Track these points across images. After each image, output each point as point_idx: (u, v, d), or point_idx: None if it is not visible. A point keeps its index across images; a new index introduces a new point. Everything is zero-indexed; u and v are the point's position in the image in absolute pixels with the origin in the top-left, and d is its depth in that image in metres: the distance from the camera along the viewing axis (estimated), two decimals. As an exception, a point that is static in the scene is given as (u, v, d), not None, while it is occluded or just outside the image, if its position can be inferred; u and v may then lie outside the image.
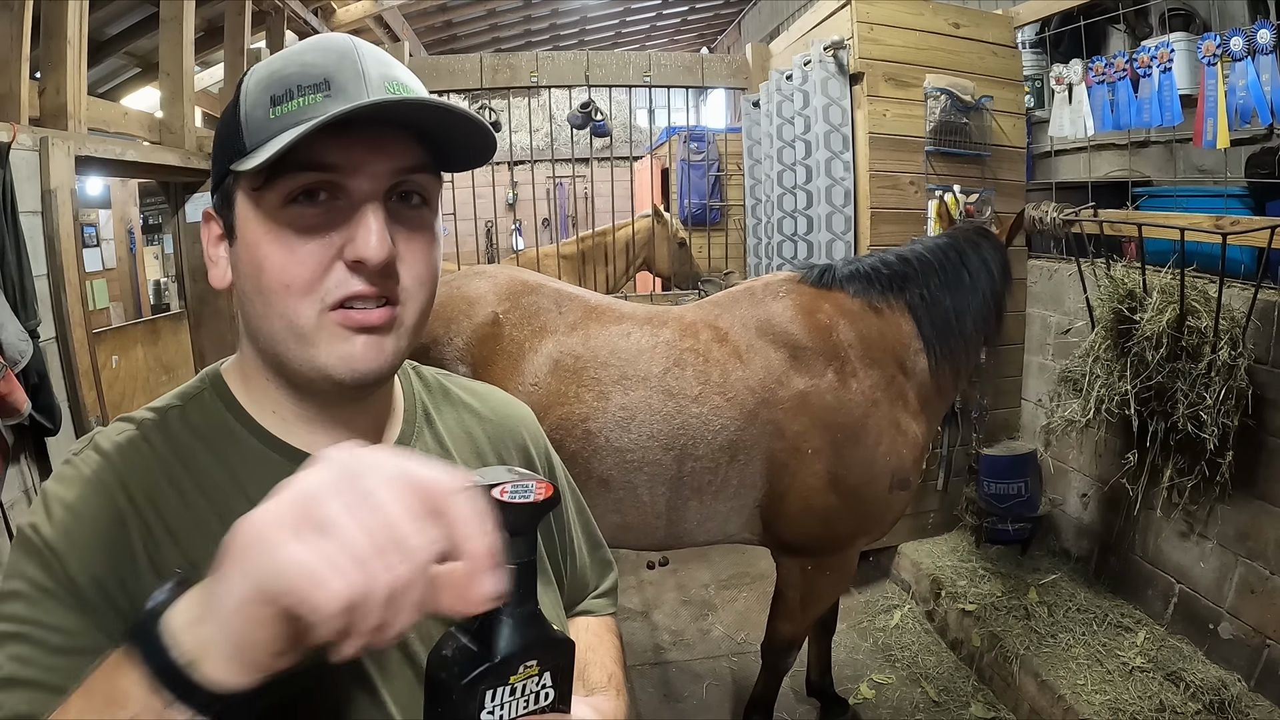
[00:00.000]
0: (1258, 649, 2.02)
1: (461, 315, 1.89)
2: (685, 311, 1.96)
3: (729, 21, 9.61)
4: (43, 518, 0.54)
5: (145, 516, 0.55)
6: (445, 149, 0.59)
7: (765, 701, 2.07)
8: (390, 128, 0.56)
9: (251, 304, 0.58)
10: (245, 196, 0.56)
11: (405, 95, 0.55)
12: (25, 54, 2.44)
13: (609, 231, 4.39)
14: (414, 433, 0.68)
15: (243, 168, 0.53)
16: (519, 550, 0.51)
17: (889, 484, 1.82)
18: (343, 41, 0.56)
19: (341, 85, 0.54)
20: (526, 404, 0.84)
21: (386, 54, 0.58)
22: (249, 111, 0.55)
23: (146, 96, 5.20)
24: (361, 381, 0.57)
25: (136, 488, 0.56)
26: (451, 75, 3.53)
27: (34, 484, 2.21)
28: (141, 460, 0.58)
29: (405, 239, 0.58)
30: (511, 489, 0.51)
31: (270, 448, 0.61)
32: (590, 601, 0.85)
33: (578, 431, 1.76)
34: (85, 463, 0.57)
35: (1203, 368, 1.99)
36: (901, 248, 2.03)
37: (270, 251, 0.55)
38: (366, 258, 0.54)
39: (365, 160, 0.55)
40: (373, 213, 0.55)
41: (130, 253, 6.44)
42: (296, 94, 0.54)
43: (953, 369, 1.95)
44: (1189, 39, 2.32)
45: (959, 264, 1.94)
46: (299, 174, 0.54)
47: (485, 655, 0.48)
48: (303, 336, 0.56)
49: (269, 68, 0.56)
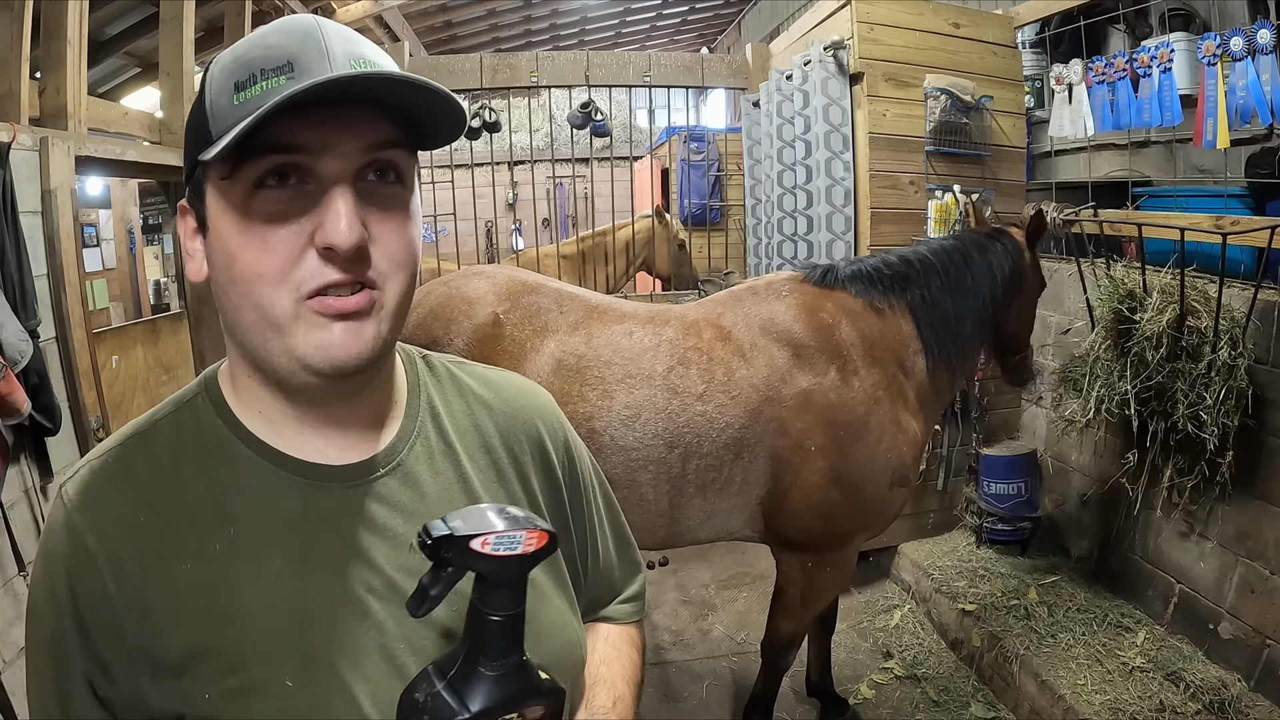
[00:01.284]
0: (1258, 649, 2.02)
1: (461, 316, 1.89)
2: (688, 310, 1.96)
3: (729, 21, 9.61)
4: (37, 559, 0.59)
5: (115, 550, 0.55)
6: (418, 125, 0.57)
7: (765, 700, 2.07)
8: (358, 105, 0.54)
9: (227, 295, 0.56)
10: (214, 187, 0.55)
11: (374, 70, 0.53)
12: (25, 54, 2.44)
13: (609, 232, 4.39)
14: (414, 429, 0.66)
15: (208, 156, 0.51)
16: (502, 603, 0.48)
17: (890, 481, 1.83)
18: (306, 21, 0.54)
19: (305, 65, 0.52)
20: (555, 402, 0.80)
21: (353, 31, 0.56)
22: (214, 99, 0.54)
23: (146, 96, 5.19)
24: (341, 370, 0.55)
25: (108, 522, 0.56)
26: (451, 75, 3.53)
27: (34, 484, 2.21)
28: (116, 489, 0.58)
29: (378, 219, 0.56)
30: (495, 540, 0.47)
31: (260, 454, 0.59)
32: (614, 607, 0.81)
33: (582, 431, 1.75)
34: (65, 499, 0.58)
35: (1203, 368, 1.99)
36: (905, 248, 2.03)
37: (241, 242, 0.54)
38: (336, 244, 0.53)
39: (333, 139, 0.53)
40: (341, 196, 0.53)
41: (130, 253, 6.44)
42: (260, 78, 0.52)
43: (949, 370, 1.96)
44: (1189, 39, 2.32)
45: (963, 266, 1.94)
46: (264, 157, 0.52)
47: (459, 708, 0.45)
48: (279, 327, 0.54)
49: (233, 53, 0.55)
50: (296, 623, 0.56)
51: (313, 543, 0.58)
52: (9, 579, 2.07)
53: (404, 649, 0.58)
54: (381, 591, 0.59)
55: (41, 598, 0.57)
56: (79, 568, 0.55)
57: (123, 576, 0.55)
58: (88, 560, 0.55)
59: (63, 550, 0.56)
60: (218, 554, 0.56)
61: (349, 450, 0.62)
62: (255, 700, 0.54)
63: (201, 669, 0.54)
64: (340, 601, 0.57)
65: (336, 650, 0.56)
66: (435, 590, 0.49)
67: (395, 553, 0.60)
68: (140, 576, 0.55)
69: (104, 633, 0.54)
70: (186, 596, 0.55)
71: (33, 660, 0.58)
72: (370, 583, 0.58)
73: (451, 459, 0.67)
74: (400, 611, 0.58)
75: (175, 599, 0.55)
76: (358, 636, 0.57)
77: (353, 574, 0.58)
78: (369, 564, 0.59)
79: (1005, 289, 1.99)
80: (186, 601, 0.55)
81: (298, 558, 0.57)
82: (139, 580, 0.55)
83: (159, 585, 0.55)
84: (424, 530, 0.49)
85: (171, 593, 0.55)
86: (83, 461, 0.60)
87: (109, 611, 0.54)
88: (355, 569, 0.58)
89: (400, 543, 0.60)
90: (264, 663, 0.55)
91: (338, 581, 0.58)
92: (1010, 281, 2.00)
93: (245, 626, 0.55)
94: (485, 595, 0.49)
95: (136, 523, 0.56)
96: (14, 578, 2.08)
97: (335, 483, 0.60)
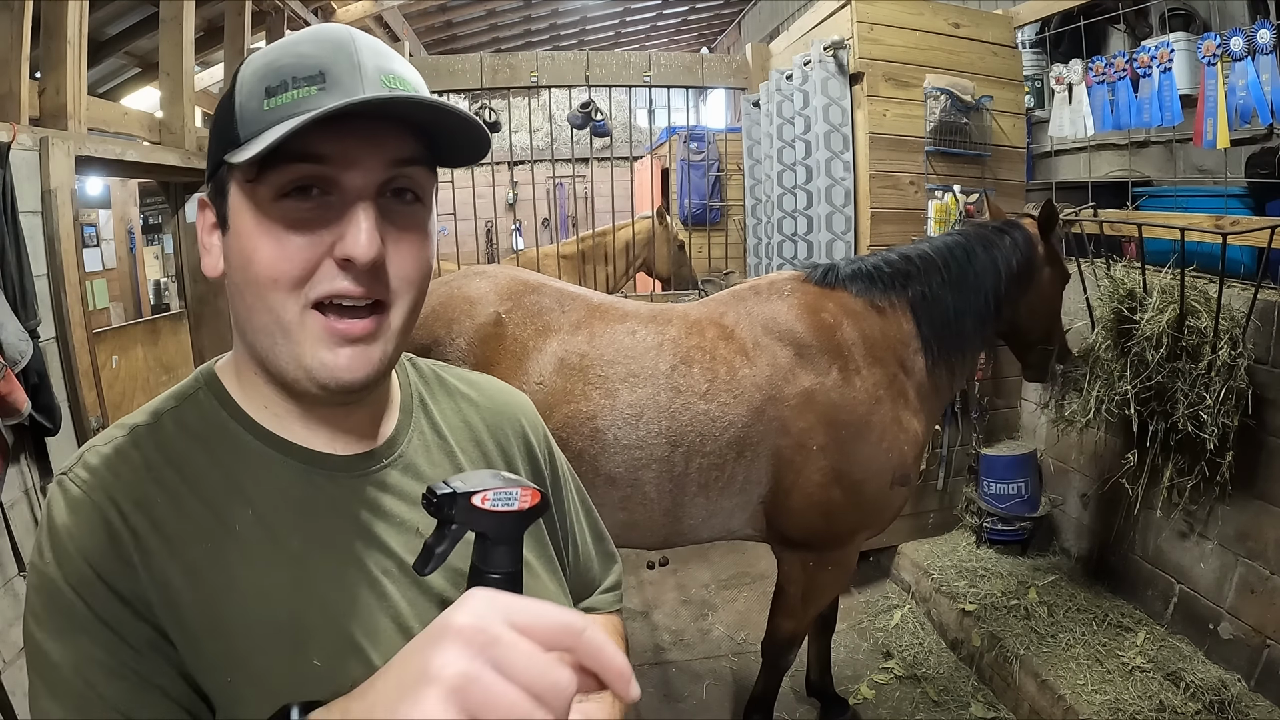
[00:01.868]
0: (1258, 649, 2.02)
1: (463, 315, 1.89)
2: (690, 309, 1.97)
3: (729, 21, 9.61)
4: (45, 546, 0.55)
5: (136, 527, 0.55)
6: (441, 144, 0.59)
7: (766, 700, 2.07)
8: (384, 121, 0.55)
9: (241, 295, 0.57)
10: (238, 187, 0.56)
11: (400, 91, 0.55)
12: (25, 54, 2.44)
13: (609, 232, 4.39)
14: (410, 424, 0.68)
15: (236, 159, 0.53)
16: (500, 560, 0.51)
17: (891, 480, 1.83)
18: (340, 33, 0.56)
19: (336, 78, 0.53)
20: (532, 402, 0.83)
21: (384, 46, 0.57)
22: (243, 102, 0.55)
23: (146, 96, 5.20)
24: (347, 389, 0.57)
25: (126, 499, 0.56)
26: (451, 75, 3.53)
27: (34, 484, 2.21)
28: (130, 470, 0.57)
29: (395, 237, 0.57)
30: (494, 496, 0.50)
31: (267, 444, 0.61)
32: (595, 598, 0.84)
33: (585, 429, 1.77)
34: (74, 480, 0.56)
35: (1203, 368, 1.99)
36: (906, 246, 2.02)
37: (260, 244, 0.55)
38: (355, 256, 0.54)
39: (358, 153, 0.54)
40: (363, 211, 0.55)
41: (130, 253, 6.44)
42: (291, 85, 0.53)
43: (949, 368, 1.95)
44: (1189, 39, 2.32)
45: (965, 261, 1.93)
46: (291, 165, 0.53)
47: None
48: (287, 332, 0.56)
49: (265, 57, 0.56)
50: (320, 604, 0.57)
51: (325, 528, 0.60)
52: (9, 579, 2.07)
53: (419, 628, 0.59)
54: (395, 574, 0.61)
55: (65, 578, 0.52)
56: (104, 543, 0.54)
57: (147, 552, 0.54)
58: (114, 535, 0.54)
59: (85, 528, 0.54)
60: (238, 535, 0.57)
61: (352, 444, 0.64)
62: (283, 680, 0.54)
63: (225, 649, 0.54)
64: (359, 583, 0.59)
65: (360, 630, 0.57)
66: (440, 548, 0.52)
67: (404, 538, 0.62)
68: (163, 553, 0.55)
69: (139, 609, 0.53)
70: (207, 576, 0.55)
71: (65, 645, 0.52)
72: (384, 565, 0.60)
73: (446, 451, 0.69)
74: (413, 592, 0.61)
75: (196, 579, 0.55)
76: (378, 616, 0.59)
77: (368, 557, 0.60)
78: (381, 548, 0.61)
79: (1013, 283, 1.96)
80: (209, 581, 0.55)
81: (313, 541, 0.59)
82: (163, 558, 0.54)
83: (179, 564, 0.55)
84: (428, 490, 0.53)
85: (193, 573, 0.55)
86: (85, 448, 0.59)
87: (138, 587, 0.53)
88: (369, 553, 0.60)
89: (407, 528, 0.63)
90: (291, 643, 0.55)
91: (354, 564, 0.59)
92: (1019, 275, 1.97)
93: (271, 607, 0.55)
94: (485, 554, 0.52)
95: (154, 502, 0.56)
96: (14, 578, 2.08)
97: (341, 472, 0.62)
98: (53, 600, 0.53)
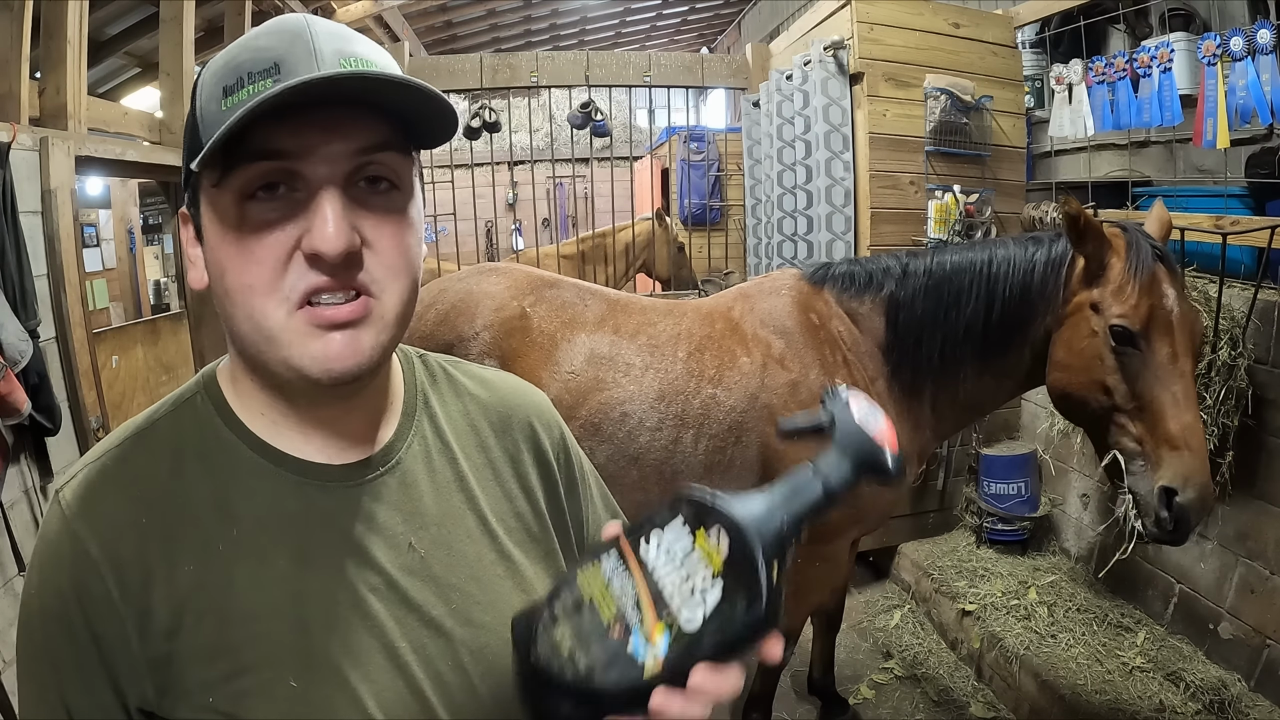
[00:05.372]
0: (1258, 649, 2.02)
1: (486, 310, 1.96)
2: (702, 303, 2.09)
3: (729, 21, 9.61)
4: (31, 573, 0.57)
5: (120, 557, 0.54)
6: (413, 126, 0.56)
7: (764, 698, 2.08)
8: (347, 107, 0.52)
9: (223, 305, 0.56)
10: (206, 195, 0.54)
11: (356, 69, 0.51)
12: (25, 54, 2.44)
13: (609, 233, 4.40)
14: (410, 428, 0.66)
15: (194, 163, 0.50)
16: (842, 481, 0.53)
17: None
18: (295, 21, 0.53)
19: (292, 66, 0.50)
20: (565, 391, 0.80)
21: (347, 29, 0.55)
22: (204, 105, 0.53)
23: (146, 96, 5.20)
24: (339, 380, 0.55)
25: (110, 529, 0.55)
26: (451, 75, 3.53)
27: (34, 484, 2.21)
28: (114, 496, 0.56)
29: (373, 225, 0.55)
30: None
31: (261, 455, 0.59)
32: None
33: (616, 414, 1.86)
34: (64, 505, 0.56)
35: (1203, 368, 1.99)
36: (922, 250, 2.03)
37: (230, 252, 0.53)
38: (323, 250, 0.51)
39: (320, 142, 0.52)
40: (328, 200, 0.52)
41: (130, 253, 6.44)
42: (247, 81, 0.51)
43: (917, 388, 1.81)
44: (1189, 39, 2.32)
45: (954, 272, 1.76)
46: (252, 165, 0.51)
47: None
48: (271, 338, 0.54)
49: (224, 57, 0.53)
50: (300, 623, 0.56)
51: (314, 543, 0.58)
52: (9, 579, 2.07)
53: (405, 648, 0.58)
54: (383, 591, 0.59)
55: (40, 611, 0.55)
56: (83, 578, 0.54)
57: (126, 584, 0.54)
58: (91, 569, 0.54)
59: (64, 561, 0.55)
60: (221, 555, 0.56)
61: (348, 450, 0.62)
62: (260, 702, 0.53)
63: (205, 672, 0.53)
64: (343, 602, 0.57)
65: (340, 650, 0.56)
66: (807, 425, 0.56)
67: (394, 552, 0.60)
68: (144, 581, 0.54)
69: (112, 643, 0.53)
70: (190, 599, 0.54)
71: (33, 673, 0.56)
72: (371, 582, 0.58)
73: (448, 458, 0.67)
74: (401, 610, 0.58)
75: (179, 601, 0.54)
76: (361, 636, 0.57)
77: (354, 574, 0.58)
78: (370, 564, 0.59)
79: (1023, 305, 1.67)
80: (190, 603, 0.54)
81: (300, 558, 0.57)
82: (143, 585, 0.54)
83: (163, 588, 0.54)
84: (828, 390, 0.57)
85: (175, 595, 0.54)
86: (80, 464, 0.59)
87: (116, 621, 0.53)
88: (356, 569, 0.58)
89: (399, 542, 0.60)
90: (268, 664, 0.54)
91: (340, 582, 0.58)
92: (1035, 297, 1.66)
93: (249, 628, 0.55)
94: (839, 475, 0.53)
95: (139, 525, 0.55)
96: (14, 578, 2.08)
97: (335, 482, 0.60)
98: (26, 624, 0.56)
